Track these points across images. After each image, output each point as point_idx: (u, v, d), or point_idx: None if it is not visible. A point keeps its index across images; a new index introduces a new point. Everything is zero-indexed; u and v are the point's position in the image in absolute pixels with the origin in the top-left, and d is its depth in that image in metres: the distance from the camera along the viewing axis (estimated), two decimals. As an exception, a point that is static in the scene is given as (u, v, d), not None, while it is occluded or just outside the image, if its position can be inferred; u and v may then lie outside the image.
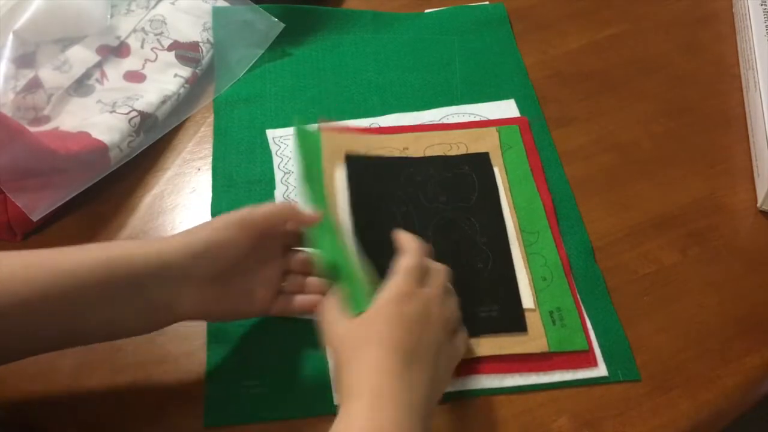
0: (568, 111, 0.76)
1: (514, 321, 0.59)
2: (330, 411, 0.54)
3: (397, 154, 0.69)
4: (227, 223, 0.52)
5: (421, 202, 0.65)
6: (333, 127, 0.70)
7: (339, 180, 0.66)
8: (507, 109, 0.75)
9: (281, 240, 0.57)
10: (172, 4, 0.79)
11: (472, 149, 0.70)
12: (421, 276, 0.52)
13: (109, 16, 0.76)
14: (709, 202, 0.69)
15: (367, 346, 0.47)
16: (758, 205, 0.68)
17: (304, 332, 0.57)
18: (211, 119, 0.75)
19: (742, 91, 0.78)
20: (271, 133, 0.73)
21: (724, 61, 0.82)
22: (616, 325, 0.60)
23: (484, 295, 0.60)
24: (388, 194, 0.65)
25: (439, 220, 0.65)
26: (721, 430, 0.58)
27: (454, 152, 0.70)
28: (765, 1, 0.80)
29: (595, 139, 0.74)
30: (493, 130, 0.72)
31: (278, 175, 0.69)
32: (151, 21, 0.77)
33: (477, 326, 0.58)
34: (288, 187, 0.68)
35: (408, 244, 0.54)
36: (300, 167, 0.64)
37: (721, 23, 0.86)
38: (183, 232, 0.52)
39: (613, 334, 0.59)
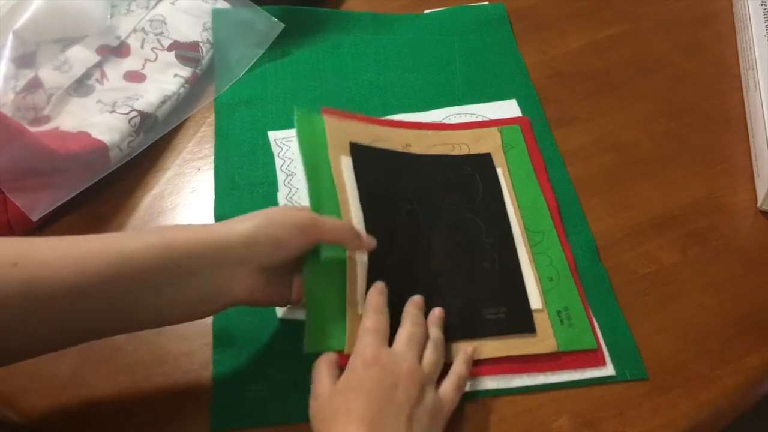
0: (568, 111, 0.76)
1: (523, 322, 0.59)
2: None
3: (399, 149, 0.69)
4: (292, 223, 0.53)
5: (426, 203, 0.65)
6: (335, 113, 0.70)
7: (346, 168, 0.65)
8: (509, 109, 0.75)
9: None
10: (172, 4, 0.79)
11: (474, 150, 0.70)
12: (383, 336, 0.53)
13: (109, 16, 0.76)
14: (709, 202, 0.69)
15: (337, 420, 0.49)
16: (758, 205, 0.68)
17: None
18: (211, 119, 0.75)
19: (742, 91, 0.78)
20: (272, 135, 0.73)
21: (724, 61, 0.82)
22: (622, 324, 0.60)
23: (491, 297, 0.60)
24: (393, 192, 0.65)
25: (444, 221, 0.64)
26: (721, 430, 0.58)
27: (456, 153, 0.70)
28: (765, 1, 0.80)
29: (595, 139, 0.74)
30: (494, 130, 0.72)
31: (281, 177, 0.69)
32: (151, 21, 0.77)
33: (485, 328, 0.58)
34: (291, 189, 0.68)
35: (369, 304, 0.55)
36: (303, 158, 0.64)
37: (721, 23, 0.86)
38: (241, 218, 0.53)
39: (619, 332, 0.59)
